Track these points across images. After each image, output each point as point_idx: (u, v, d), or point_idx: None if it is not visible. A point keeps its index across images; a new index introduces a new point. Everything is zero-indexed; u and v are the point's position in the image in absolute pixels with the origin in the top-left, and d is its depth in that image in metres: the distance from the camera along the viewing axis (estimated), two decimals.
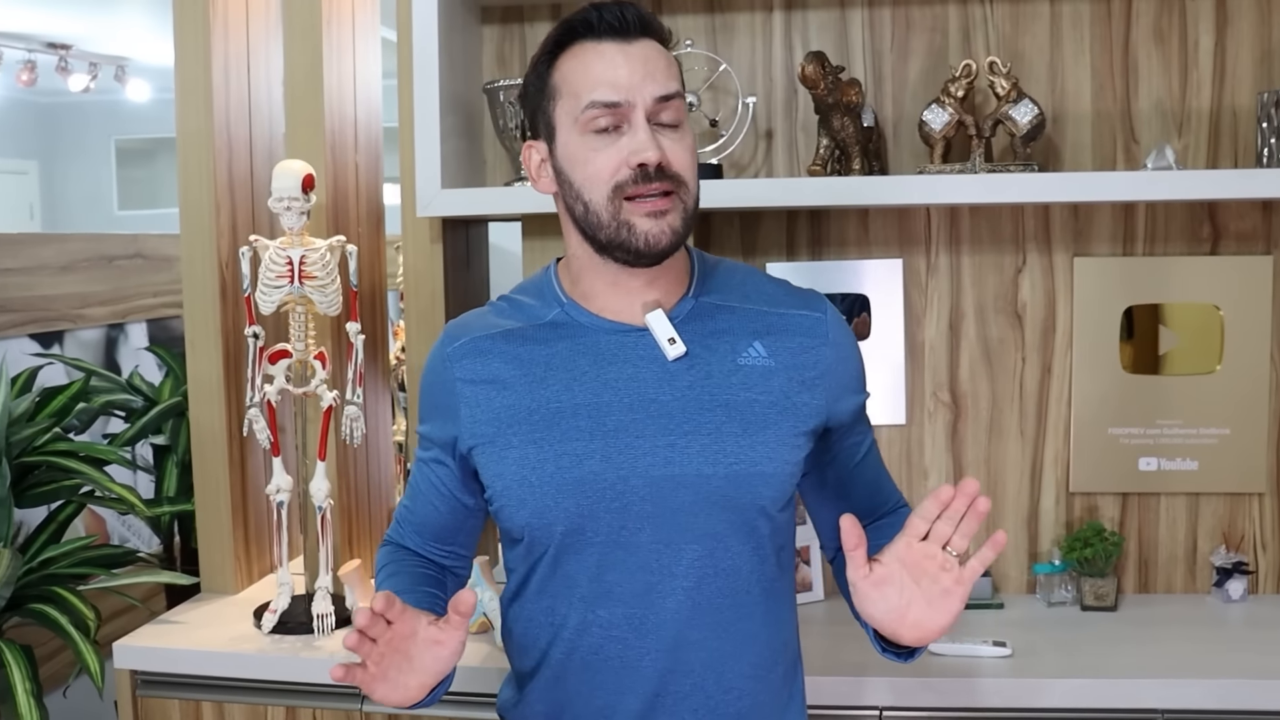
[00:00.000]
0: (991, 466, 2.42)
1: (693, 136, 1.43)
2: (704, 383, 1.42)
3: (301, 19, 2.42)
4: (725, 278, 1.51)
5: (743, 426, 1.41)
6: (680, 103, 1.40)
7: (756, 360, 1.44)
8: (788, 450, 1.43)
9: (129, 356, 3.97)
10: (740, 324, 1.46)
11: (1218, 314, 2.35)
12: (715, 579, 1.43)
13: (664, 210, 1.37)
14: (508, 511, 1.45)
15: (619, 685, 1.45)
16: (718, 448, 1.40)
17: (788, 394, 1.44)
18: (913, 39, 2.36)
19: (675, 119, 1.39)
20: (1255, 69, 2.29)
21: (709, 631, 1.44)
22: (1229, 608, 2.33)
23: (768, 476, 1.42)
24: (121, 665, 2.22)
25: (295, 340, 2.26)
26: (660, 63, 1.39)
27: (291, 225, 2.22)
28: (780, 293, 1.52)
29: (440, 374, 1.51)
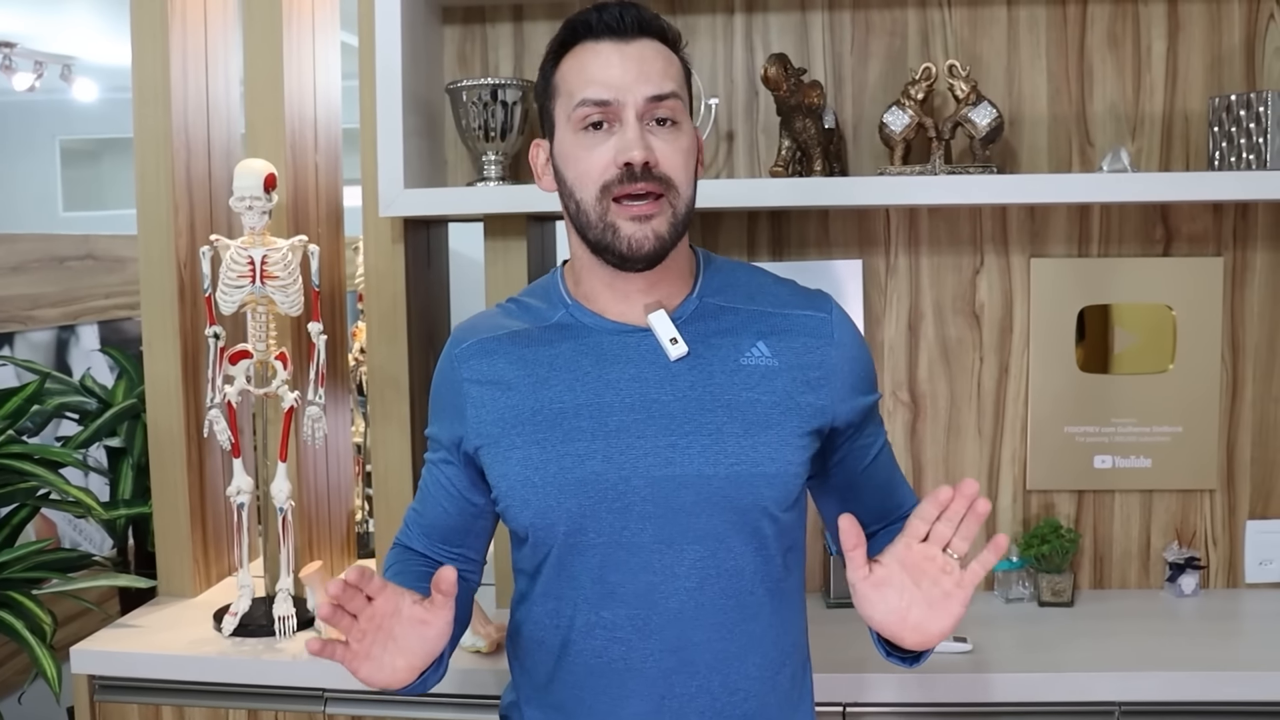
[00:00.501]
0: (950, 465, 2.45)
1: (693, 139, 1.42)
2: (706, 383, 1.42)
3: (261, 19, 2.40)
4: (730, 277, 1.51)
5: (744, 427, 1.41)
6: (676, 103, 1.39)
7: (760, 360, 1.44)
8: (790, 450, 1.43)
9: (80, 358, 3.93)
10: (744, 324, 1.46)
11: (1170, 314, 2.39)
12: (718, 580, 1.42)
13: (648, 215, 1.37)
14: (512, 512, 1.45)
15: (624, 688, 1.44)
16: (719, 448, 1.40)
17: (791, 394, 1.43)
18: (872, 42, 2.38)
19: (671, 116, 1.39)
20: (1206, 74, 2.33)
21: (713, 632, 1.43)
22: (1181, 602, 2.37)
23: (770, 477, 1.41)
24: (79, 670, 2.20)
25: (256, 341, 2.25)
26: (656, 63, 1.39)
27: (253, 225, 2.20)
28: (785, 293, 1.51)
29: (448, 375, 1.52)
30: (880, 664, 2.05)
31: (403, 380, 2.39)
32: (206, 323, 2.24)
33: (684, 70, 1.44)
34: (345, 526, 2.72)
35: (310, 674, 2.12)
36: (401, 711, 2.12)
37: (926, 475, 2.45)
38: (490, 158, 2.29)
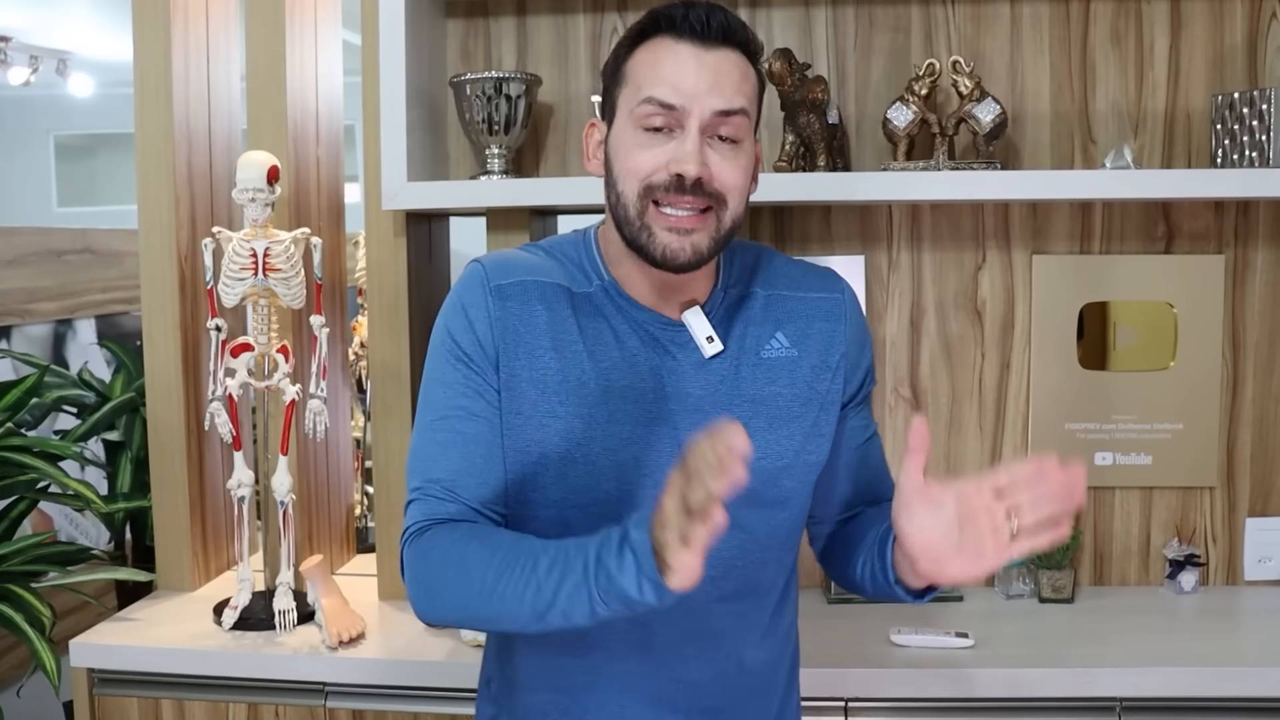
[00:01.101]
0: (951, 461, 2.45)
1: (752, 156, 1.39)
2: (733, 378, 1.42)
3: (264, 13, 2.40)
4: (745, 262, 1.50)
5: (768, 421, 1.41)
6: (743, 120, 1.35)
7: (779, 351, 1.44)
8: (812, 441, 1.45)
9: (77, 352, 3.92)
10: (762, 312, 1.45)
11: (1171, 311, 2.39)
12: (743, 571, 1.43)
13: (690, 228, 1.34)
14: (529, 479, 1.40)
15: (642, 669, 1.44)
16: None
17: (811, 383, 1.44)
18: (876, 37, 2.38)
19: (734, 135, 1.35)
20: (1209, 71, 2.34)
21: (734, 621, 1.45)
22: (1181, 599, 2.38)
23: (791, 469, 1.43)
24: (78, 663, 2.19)
25: (257, 334, 2.24)
26: (733, 76, 1.34)
27: (256, 217, 2.20)
28: (799, 273, 1.50)
29: (484, 305, 1.41)
30: (883, 659, 2.07)
31: (404, 375, 2.39)
32: (208, 315, 2.23)
33: (759, 85, 1.40)
34: (345, 521, 2.71)
35: (311, 668, 2.12)
36: (402, 705, 2.11)
37: (928, 471, 2.44)
38: (493, 151, 2.29)
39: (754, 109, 1.38)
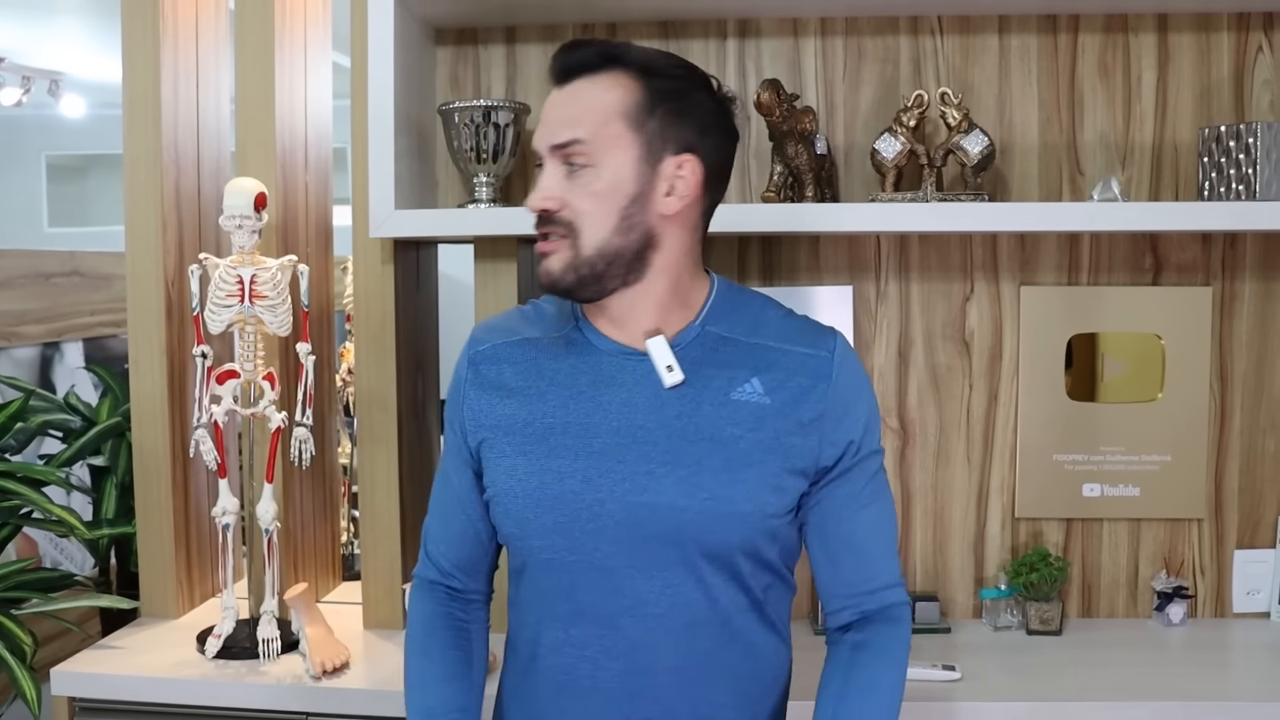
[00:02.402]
0: (939, 492, 2.45)
1: (613, 179, 1.37)
2: (693, 414, 1.40)
3: (253, 37, 2.40)
4: (740, 308, 1.48)
5: (724, 462, 1.39)
6: (584, 147, 1.37)
7: (751, 396, 1.41)
8: (769, 492, 1.40)
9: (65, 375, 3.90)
10: (742, 358, 1.43)
11: (1159, 343, 2.39)
12: (688, 609, 1.41)
13: (546, 252, 1.40)
14: (496, 517, 1.49)
15: (589, 706, 1.44)
16: (695, 480, 1.38)
17: (779, 435, 1.40)
18: (864, 69, 2.39)
19: (585, 161, 1.37)
20: (1196, 104, 2.35)
21: (681, 659, 1.42)
22: (1169, 631, 2.37)
23: (744, 516, 1.39)
24: (59, 692, 2.17)
25: (244, 361, 2.24)
26: (571, 108, 1.39)
27: (243, 244, 2.20)
28: (792, 329, 1.47)
29: (463, 374, 1.53)
30: None
31: (390, 401, 2.38)
32: (194, 342, 2.23)
33: (633, 94, 1.38)
34: (331, 549, 2.70)
35: (294, 698, 2.10)
36: None
37: (915, 502, 2.45)
38: (482, 179, 2.29)
39: (621, 124, 1.37)
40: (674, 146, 1.38)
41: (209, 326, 2.21)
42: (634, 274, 1.40)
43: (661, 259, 1.41)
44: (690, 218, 1.43)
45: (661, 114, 1.38)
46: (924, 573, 2.47)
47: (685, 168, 1.39)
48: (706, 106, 1.41)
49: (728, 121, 1.44)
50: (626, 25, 2.41)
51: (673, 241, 1.41)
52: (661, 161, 1.38)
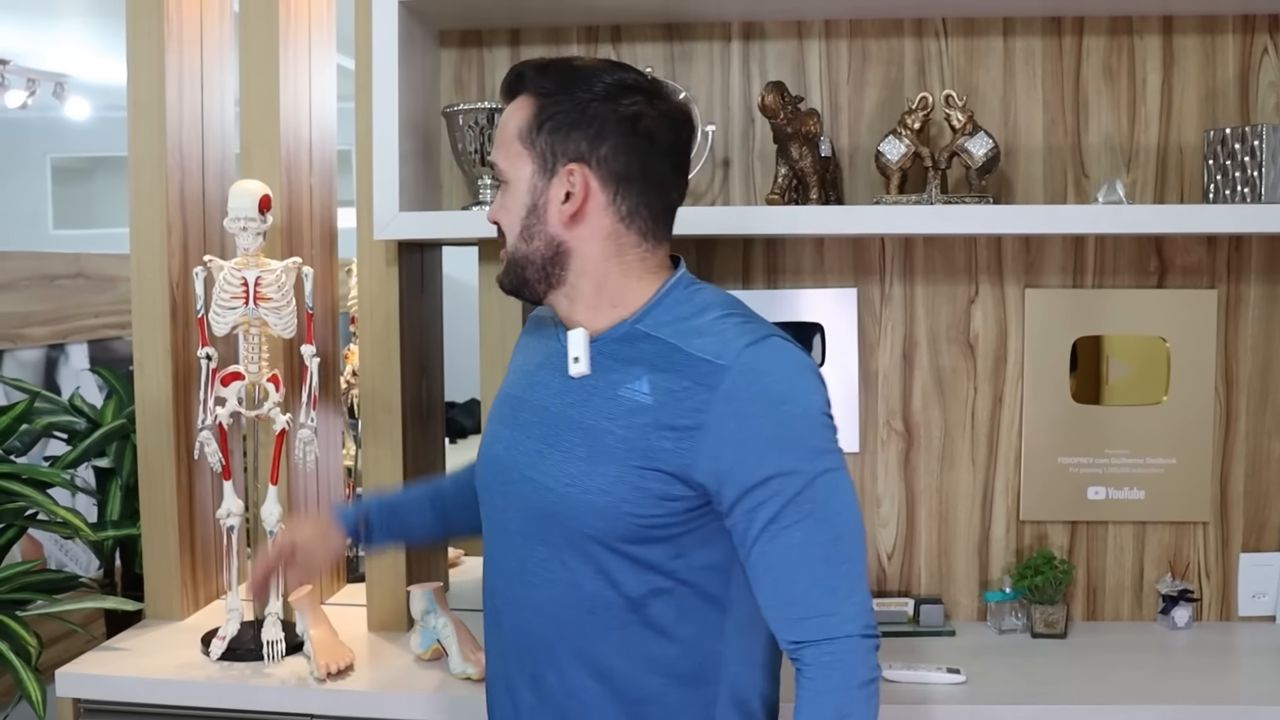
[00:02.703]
0: (943, 495, 2.45)
1: (522, 193, 1.47)
2: (582, 404, 1.46)
3: (258, 39, 2.40)
4: (680, 308, 1.48)
5: (589, 452, 1.43)
6: (500, 168, 1.50)
7: (634, 394, 1.42)
8: (627, 489, 1.40)
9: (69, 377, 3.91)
10: (649, 357, 1.44)
11: (1164, 346, 2.39)
12: (554, 586, 1.47)
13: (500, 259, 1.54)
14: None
15: (500, 651, 1.57)
16: (562, 466, 1.45)
17: (647, 434, 1.40)
18: (869, 71, 2.39)
19: (503, 177, 1.50)
20: (1201, 107, 2.34)
21: (552, 632, 1.48)
22: (1175, 635, 2.37)
23: (599, 508, 1.41)
24: (64, 693, 2.17)
25: (248, 363, 2.24)
26: (497, 134, 1.52)
27: (247, 246, 2.20)
28: (712, 332, 1.43)
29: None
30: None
31: (395, 404, 2.38)
32: (199, 344, 2.23)
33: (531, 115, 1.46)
34: None
35: (298, 700, 2.10)
36: None
37: (920, 505, 2.45)
38: (486, 182, 2.29)
39: (519, 144, 1.47)
40: (565, 158, 1.45)
41: (213, 328, 2.21)
42: (554, 278, 1.49)
43: (578, 264, 1.48)
44: (600, 224, 1.46)
45: (549, 129, 1.45)
46: (928, 575, 2.46)
47: (576, 176, 1.44)
48: (603, 113, 1.43)
49: (632, 123, 1.44)
50: (630, 28, 2.41)
51: (586, 248, 1.47)
52: (556, 175, 1.45)
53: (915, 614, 2.39)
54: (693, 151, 1.56)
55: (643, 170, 1.46)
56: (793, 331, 2.37)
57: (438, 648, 2.22)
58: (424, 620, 2.23)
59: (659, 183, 1.48)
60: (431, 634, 2.22)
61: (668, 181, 1.49)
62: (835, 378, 2.43)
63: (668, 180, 1.49)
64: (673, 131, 1.48)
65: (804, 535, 1.37)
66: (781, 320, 2.42)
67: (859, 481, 2.45)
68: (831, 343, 2.42)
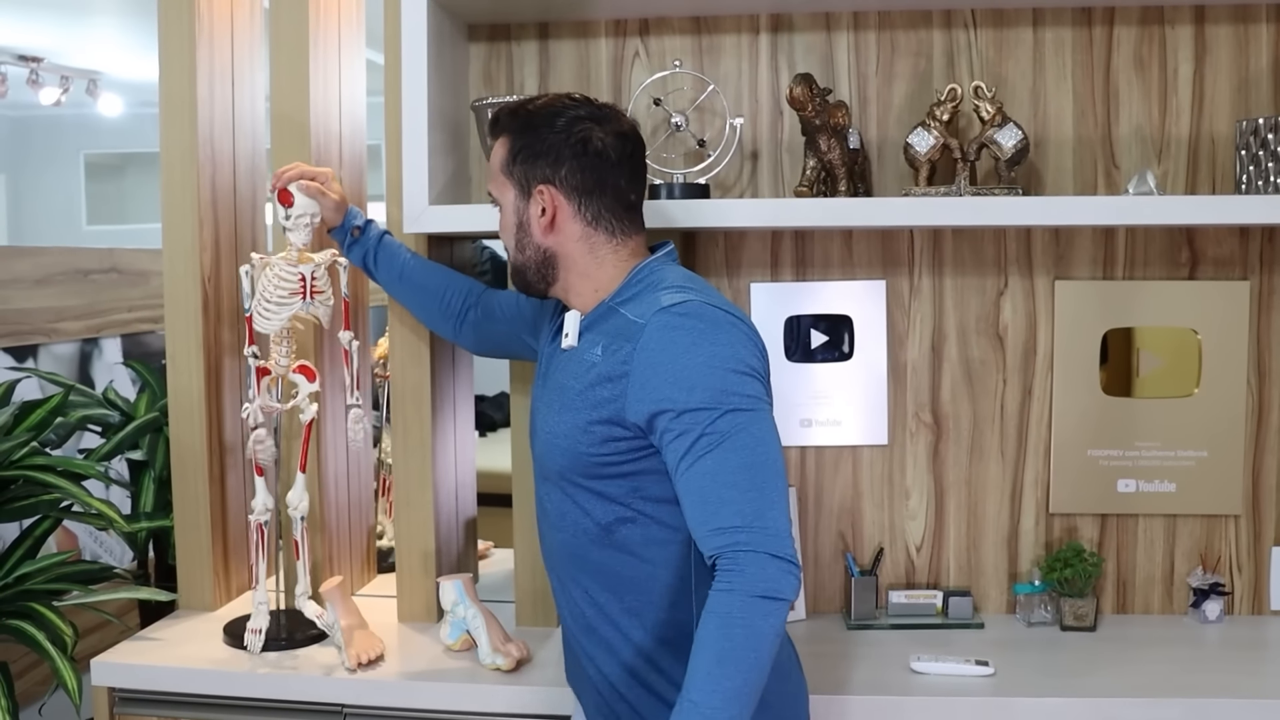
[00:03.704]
0: (972, 487, 2.44)
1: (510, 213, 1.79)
2: (564, 369, 1.75)
3: (288, 35, 2.42)
4: (639, 286, 1.73)
5: (560, 406, 1.72)
6: (493, 193, 1.81)
7: (591, 357, 1.69)
8: (580, 433, 1.68)
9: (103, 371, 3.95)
10: (610, 327, 1.70)
11: (1195, 338, 2.38)
12: (555, 516, 1.78)
13: None
14: None
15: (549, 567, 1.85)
16: (548, 417, 1.75)
17: (593, 386, 1.67)
18: (898, 63, 2.38)
19: (495, 204, 1.82)
20: (1233, 97, 2.33)
21: (566, 560, 1.78)
22: (1206, 628, 2.35)
23: (564, 450, 1.71)
24: (99, 682, 2.20)
25: (279, 357, 2.25)
26: (489, 168, 1.82)
27: (305, 242, 2.20)
28: (650, 302, 1.67)
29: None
30: (903, 687, 2.06)
31: (425, 396, 2.39)
32: (246, 342, 2.23)
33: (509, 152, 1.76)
34: (365, 541, 2.72)
35: (329, 690, 2.12)
36: None
37: (949, 497, 2.44)
38: None
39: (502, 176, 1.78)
40: (536, 182, 1.74)
41: (262, 326, 2.21)
42: (549, 277, 1.79)
43: (564, 263, 1.77)
44: (572, 230, 1.75)
45: (520, 160, 1.75)
46: (957, 568, 2.46)
47: (545, 195, 1.74)
48: (558, 143, 1.73)
49: (583, 146, 1.72)
50: (658, 21, 2.41)
51: (566, 249, 1.76)
52: (531, 196, 1.75)
53: (944, 606, 2.39)
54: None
55: (598, 182, 1.73)
56: (822, 324, 2.40)
57: (467, 639, 2.23)
58: (454, 611, 2.24)
59: (615, 189, 1.75)
60: (461, 625, 2.23)
61: (623, 186, 1.76)
62: (864, 370, 2.43)
63: (622, 185, 1.75)
64: (620, 146, 1.74)
65: (715, 463, 1.55)
66: (810, 313, 2.43)
67: (888, 474, 2.45)
68: (860, 335, 2.42)
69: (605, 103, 1.81)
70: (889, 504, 2.46)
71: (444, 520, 2.46)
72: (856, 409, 2.44)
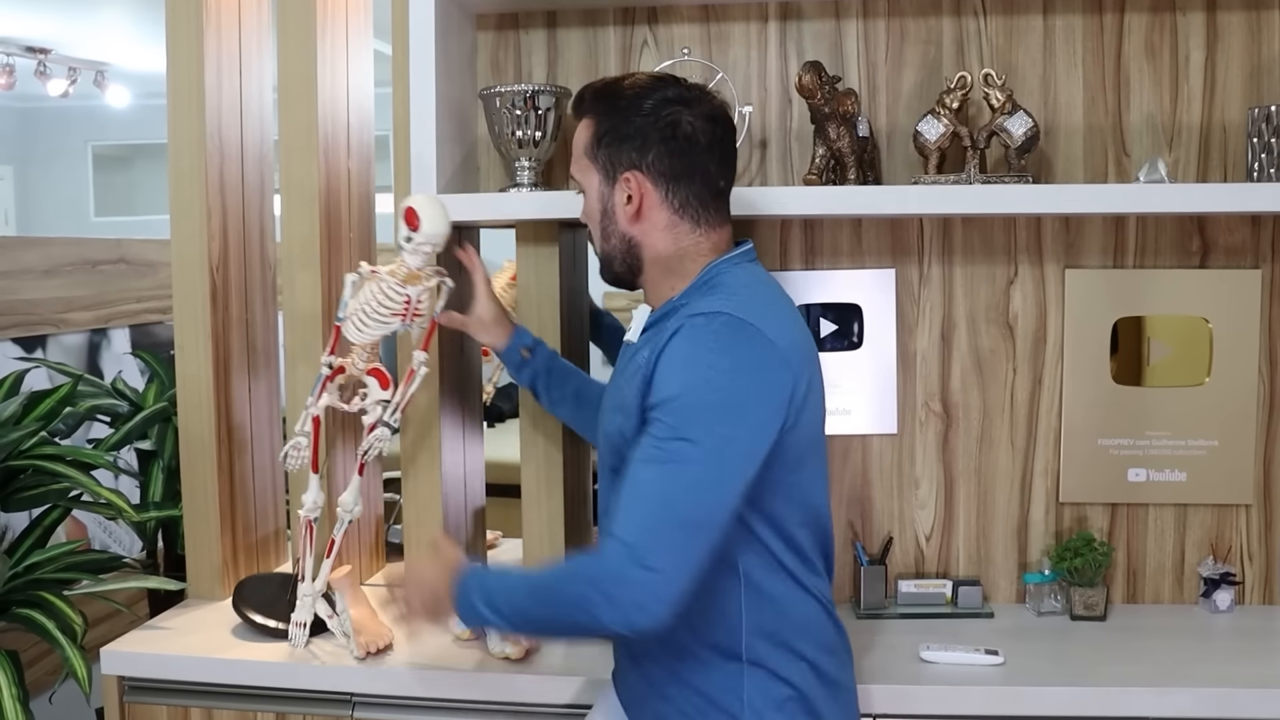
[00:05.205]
0: (982, 476, 2.44)
1: (594, 200, 1.74)
2: (624, 368, 1.77)
3: (295, 25, 2.42)
4: (704, 287, 1.71)
5: (613, 407, 1.74)
6: (576, 179, 1.77)
7: (641, 359, 1.66)
8: (620, 415, 1.69)
9: (111, 362, 3.95)
10: (664, 326, 1.67)
11: (1206, 326, 2.37)
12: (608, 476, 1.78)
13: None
14: None
15: None
16: (604, 417, 1.79)
17: (630, 377, 1.68)
18: (907, 50, 2.37)
19: (578, 189, 1.79)
20: (1245, 84, 2.31)
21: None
22: (1216, 618, 2.35)
23: (614, 449, 1.73)
24: (109, 671, 2.21)
25: (356, 359, 2.20)
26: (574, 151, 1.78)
27: (421, 266, 2.11)
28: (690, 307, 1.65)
29: None
30: (912, 676, 2.05)
31: (433, 385, 2.39)
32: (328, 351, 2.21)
33: (594, 132, 1.72)
34: (374, 532, 2.72)
35: (338, 679, 2.13)
36: (429, 717, 2.12)
37: (959, 486, 2.44)
38: (523, 164, 2.29)
39: (587, 159, 1.74)
40: (622, 167, 1.70)
41: (355, 337, 2.15)
42: (634, 267, 1.76)
43: (649, 254, 1.73)
44: (659, 218, 1.71)
45: (606, 144, 1.71)
46: (967, 557, 2.45)
47: (632, 182, 1.70)
48: (645, 126, 1.68)
49: (672, 130, 1.68)
50: (666, 9, 2.40)
51: (651, 239, 1.72)
52: (616, 182, 1.71)
53: (954, 595, 2.38)
54: (737, 142, 1.78)
55: (688, 167, 1.69)
56: (831, 312, 2.40)
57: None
58: None
59: (704, 174, 1.70)
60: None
61: (712, 172, 1.71)
62: (873, 359, 2.42)
63: (711, 171, 1.71)
64: (710, 130, 1.70)
65: (654, 475, 1.54)
66: (819, 301, 2.42)
67: (897, 463, 2.44)
68: (869, 324, 2.42)
69: (695, 83, 1.75)
70: (898, 493, 2.45)
71: (453, 510, 2.46)
72: (866, 398, 2.44)
